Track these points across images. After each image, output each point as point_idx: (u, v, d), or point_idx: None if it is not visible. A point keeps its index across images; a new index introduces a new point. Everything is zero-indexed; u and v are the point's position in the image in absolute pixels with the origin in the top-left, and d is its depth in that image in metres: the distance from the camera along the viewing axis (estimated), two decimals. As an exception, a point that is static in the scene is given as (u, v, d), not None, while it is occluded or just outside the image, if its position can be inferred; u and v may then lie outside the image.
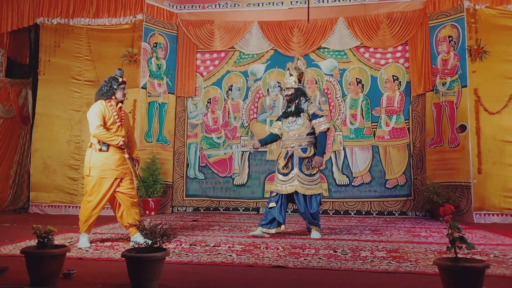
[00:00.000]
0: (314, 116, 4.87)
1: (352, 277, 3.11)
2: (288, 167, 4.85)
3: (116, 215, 4.37)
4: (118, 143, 4.20)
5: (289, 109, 5.02)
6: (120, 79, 4.35)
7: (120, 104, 4.40)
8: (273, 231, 4.82)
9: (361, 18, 7.44)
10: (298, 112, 4.92)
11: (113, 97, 4.33)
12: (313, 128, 4.89)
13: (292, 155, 4.86)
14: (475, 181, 6.37)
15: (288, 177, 4.84)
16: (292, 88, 5.00)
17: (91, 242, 4.25)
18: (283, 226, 4.91)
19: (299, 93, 5.00)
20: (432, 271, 3.13)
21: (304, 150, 4.83)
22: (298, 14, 7.55)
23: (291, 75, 5.01)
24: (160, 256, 2.70)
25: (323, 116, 4.92)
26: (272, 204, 4.87)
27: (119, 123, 4.31)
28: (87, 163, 4.21)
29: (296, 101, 4.98)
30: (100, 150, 4.19)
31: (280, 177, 4.90)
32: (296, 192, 4.79)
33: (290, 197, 4.91)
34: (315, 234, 4.83)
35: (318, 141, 4.86)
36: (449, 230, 2.53)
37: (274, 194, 4.91)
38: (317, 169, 4.86)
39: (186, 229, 5.36)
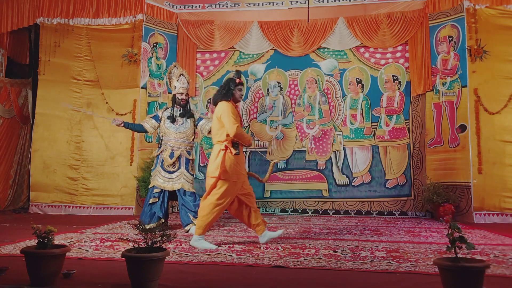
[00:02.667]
0: (199, 119, 5.40)
1: (352, 277, 3.11)
2: (175, 166, 5.19)
3: (238, 217, 4.41)
4: (249, 144, 4.31)
5: (179, 112, 5.30)
6: (237, 80, 4.38)
7: (237, 105, 4.43)
8: (153, 225, 5.04)
9: (361, 18, 7.44)
10: (188, 116, 5.33)
11: (232, 98, 4.34)
12: (195, 133, 5.44)
13: (179, 155, 5.20)
14: (475, 181, 6.37)
15: (175, 175, 5.18)
16: (187, 94, 5.37)
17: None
18: (162, 220, 5.17)
19: (189, 98, 5.47)
20: (432, 271, 3.13)
21: (188, 152, 5.29)
22: (298, 14, 7.55)
23: (188, 82, 5.39)
24: (160, 256, 2.70)
25: (204, 117, 5.49)
26: (153, 200, 5.15)
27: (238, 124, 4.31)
28: (218, 165, 4.09)
29: (186, 106, 5.36)
30: (236, 154, 4.12)
31: (166, 174, 5.18)
32: (179, 189, 5.17)
33: (171, 194, 5.26)
34: (194, 229, 4.92)
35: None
36: (449, 230, 2.53)
37: (158, 190, 5.16)
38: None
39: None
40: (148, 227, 4.55)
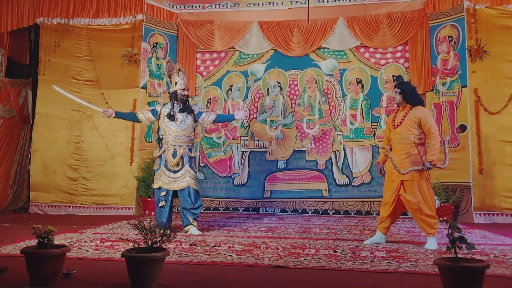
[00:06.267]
0: (199, 114, 5.30)
1: (352, 277, 3.11)
2: (179, 165, 5.09)
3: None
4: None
5: (180, 108, 5.17)
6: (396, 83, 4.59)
7: (407, 106, 4.47)
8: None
9: (361, 18, 7.44)
10: (188, 112, 5.19)
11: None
12: (195, 129, 5.36)
13: (182, 154, 5.10)
14: (475, 181, 6.37)
15: (179, 173, 5.08)
16: (188, 89, 5.31)
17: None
18: (168, 224, 5.09)
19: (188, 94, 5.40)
20: (432, 271, 3.13)
21: (190, 150, 5.19)
22: (298, 14, 7.55)
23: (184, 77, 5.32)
24: (160, 256, 2.70)
25: (204, 111, 5.47)
26: (162, 203, 5.09)
27: (394, 127, 4.50)
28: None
29: (187, 102, 5.25)
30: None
31: (171, 174, 5.08)
32: (182, 188, 5.06)
33: (175, 193, 5.14)
34: (194, 230, 4.98)
35: (222, 118, 5.78)
36: (449, 230, 2.53)
37: (164, 192, 5.07)
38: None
39: (186, 229, 5.35)
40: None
